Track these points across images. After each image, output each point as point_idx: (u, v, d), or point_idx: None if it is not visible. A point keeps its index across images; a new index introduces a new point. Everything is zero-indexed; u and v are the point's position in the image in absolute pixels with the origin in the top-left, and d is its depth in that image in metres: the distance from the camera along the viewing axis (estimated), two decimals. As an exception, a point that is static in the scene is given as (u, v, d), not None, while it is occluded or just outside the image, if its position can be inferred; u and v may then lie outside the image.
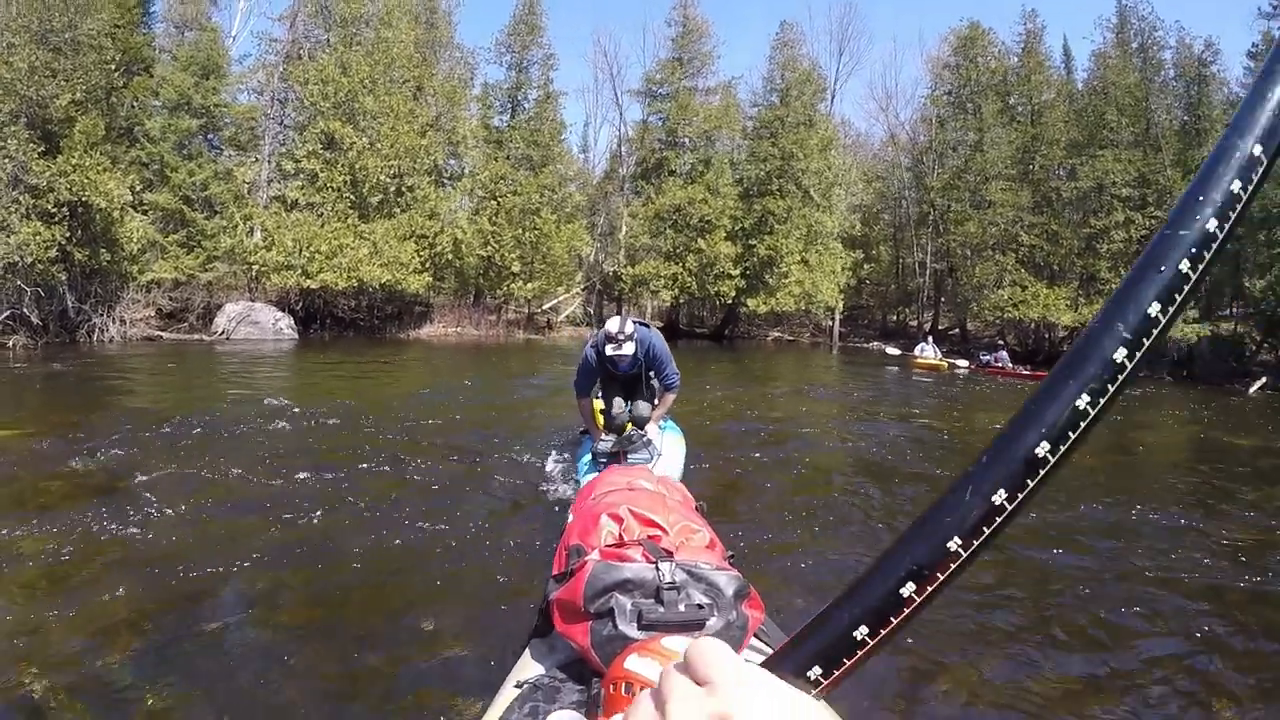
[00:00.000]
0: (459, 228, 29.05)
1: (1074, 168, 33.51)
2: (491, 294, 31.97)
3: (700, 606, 1.91)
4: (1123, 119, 32.50)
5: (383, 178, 26.63)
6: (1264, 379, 26.44)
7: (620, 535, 2.22)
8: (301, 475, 6.49)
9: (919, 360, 26.13)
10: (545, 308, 34.53)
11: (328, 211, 25.85)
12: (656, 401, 6.24)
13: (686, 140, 36.57)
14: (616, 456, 5.75)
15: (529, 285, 31.03)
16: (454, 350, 23.56)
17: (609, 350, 5.81)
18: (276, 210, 25.99)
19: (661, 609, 1.89)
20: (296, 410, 9.69)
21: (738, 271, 34.26)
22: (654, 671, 1.28)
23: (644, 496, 2.48)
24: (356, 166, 26.10)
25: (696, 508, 2.75)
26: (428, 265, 27.69)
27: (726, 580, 1.99)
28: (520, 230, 30.23)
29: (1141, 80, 33.06)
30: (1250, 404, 20.29)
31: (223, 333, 22.28)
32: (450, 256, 28.73)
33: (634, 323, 5.90)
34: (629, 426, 6.16)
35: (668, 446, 6.19)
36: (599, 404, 6.49)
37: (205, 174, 25.17)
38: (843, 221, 39.52)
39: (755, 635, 2.20)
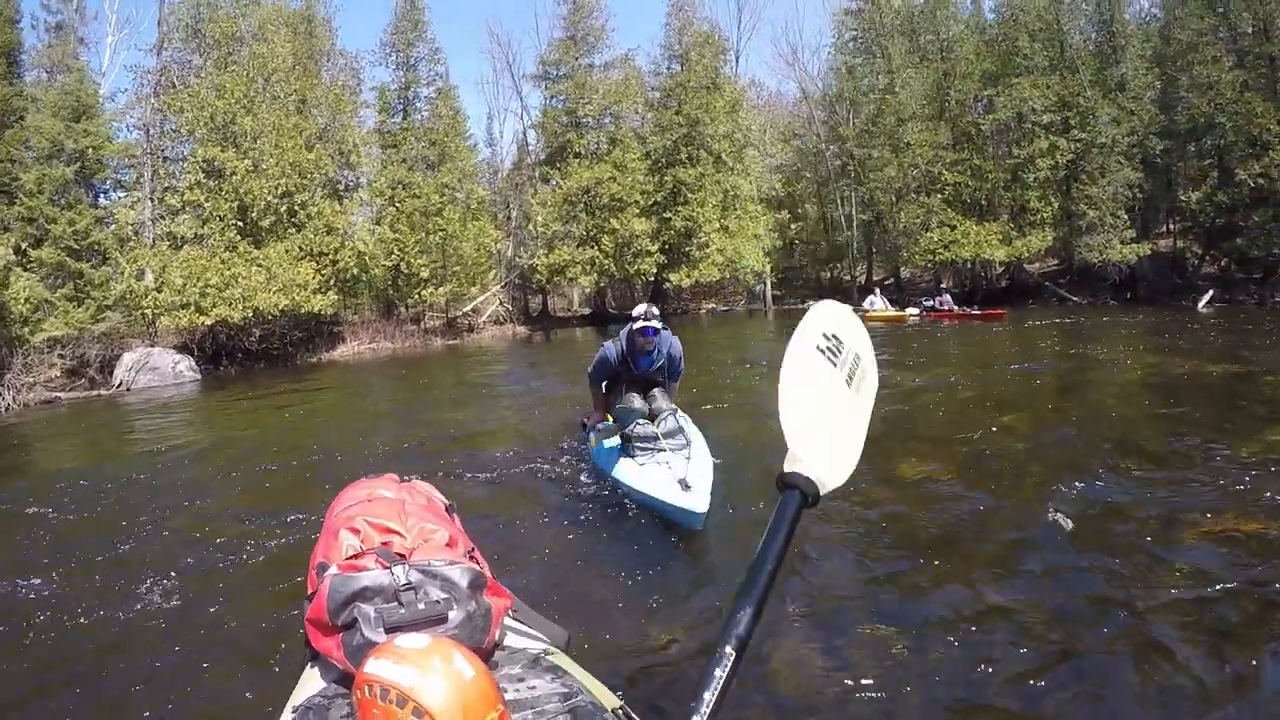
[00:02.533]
0: (360, 240, 29.13)
1: (990, 99, 34.28)
2: (404, 304, 32.21)
3: (438, 602, 2.11)
4: (1035, 44, 33.28)
5: (270, 199, 26.51)
6: (1211, 292, 27.52)
7: (360, 546, 2.38)
8: (167, 532, 6.53)
9: (872, 314, 26.48)
10: (465, 311, 34.72)
11: (216, 242, 25.77)
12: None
13: (589, 119, 36.89)
14: (654, 439, 6.10)
15: (441, 290, 31.12)
16: (366, 368, 23.75)
17: (638, 324, 6.53)
18: (163, 249, 25.98)
19: (402, 610, 2.07)
20: (172, 461, 9.97)
21: (655, 247, 34.63)
22: (392, 671, 1.61)
23: (381, 505, 2.62)
24: (242, 191, 26.02)
25: (446, 507, 2.98)
26: (331, 283, 27.71)
27: (461, 573, 2.19)
28: (424, 234, 30.36)
29: (1052, 3, 33.86)
30: (1203, 321, 21.22)
31: (122, 384, 22.33)
32: (355, 271, 28.74)
33: (659, 321, 6.65)
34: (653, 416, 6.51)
35: (693, 434, 6.66)
36: (598, 396, 7.27)
37: (86, 220, 25.08)
38: (763, 183, 40.15)
39: (513, 617, 2.50)
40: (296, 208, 27.66)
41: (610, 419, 7.11)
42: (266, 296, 25.09)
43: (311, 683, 2.18)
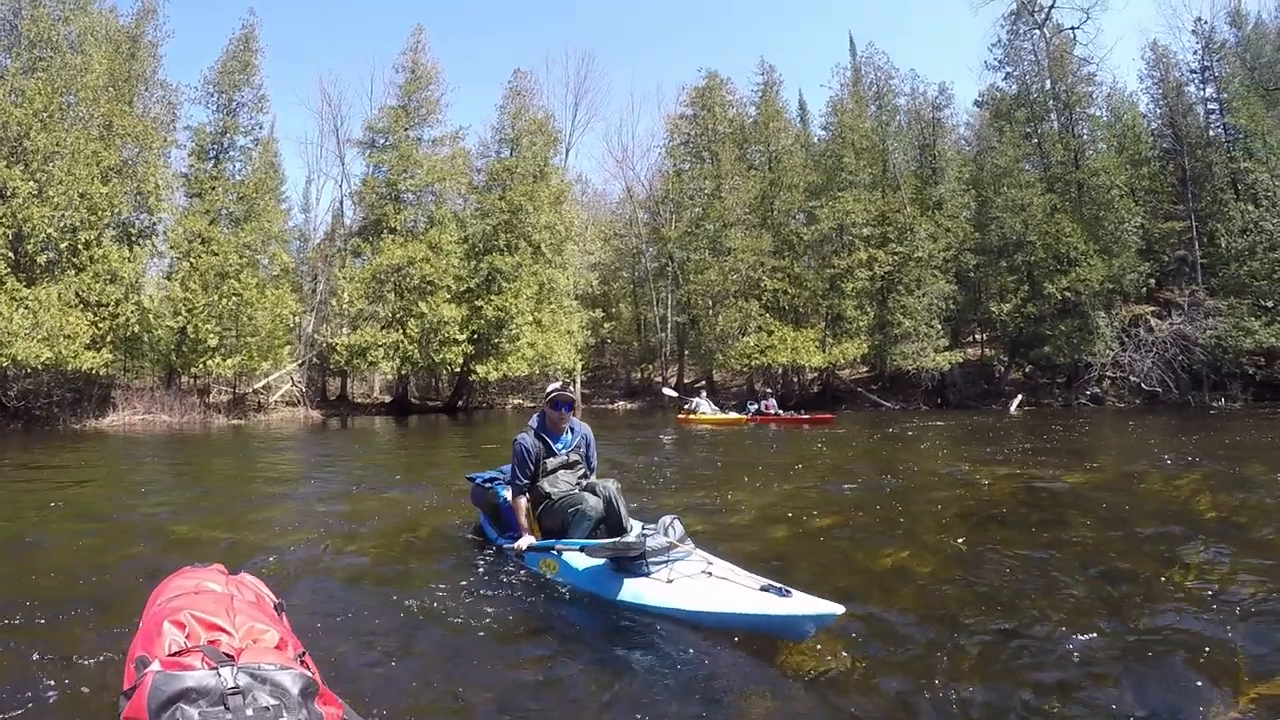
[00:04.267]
0: (147, 295, 27.38)
1: (813, 211, 36.43)
2: (186, 372, 30.23)
3: (267, 709, 2.03)
4: (860, 161, 35.92)
5: (52, 232, 24.40)
6: (1020, 396, 30.87)
7: (184, 642, 2.33)
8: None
9: (698, 417, 26.84)
10: (257, 387, 33.33)
11: (-21, 274, 23.24)
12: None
13: (410, 194, 36.54)
14: (667, 549, 5.27)
15: (229, 361, 29.23)
16: (138, 443, 21.14)
17: (553, 395, 6.25)
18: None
19: (229, 715, 1.98)
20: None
21: (464, 336, 34.07)
22: None
23: (208, 599, 2.58)
24: (20, 217, 23.76)
25: (276, 606, 2.94)
26: (107, 339, 25.59)
27: (292, 679, 2.13)
28: (217, 296, 28.52)
29: (879, 124, 36.71)
30: (1021, 423, 22.73)
31: None
32: (136, 329, 26.78)
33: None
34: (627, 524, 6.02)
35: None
36: (523, 504, 6.38)
37: None
38: (580, 279, 40.78)
39: None
40: (80, 246, 25.61)
41: (535, 534, 6.37)
42: (27, 345, 22.64)
43: None
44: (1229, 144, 31.80)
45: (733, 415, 27.56)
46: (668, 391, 36.78)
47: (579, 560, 5.67)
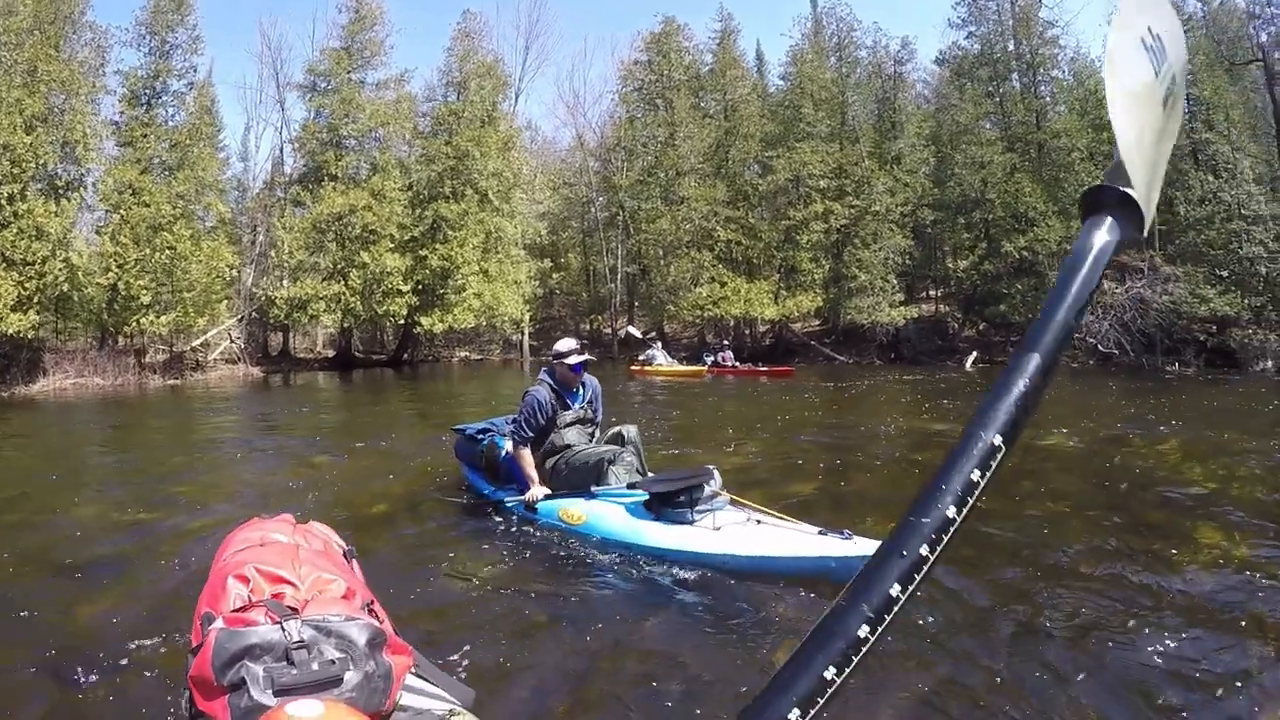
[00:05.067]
0: (75, 250, 26.22)
1: (769, 162, 36.29)
2: (120, 332, 29.25)
3: (333, 662, 1.99)
4: (819, 112, 35.69)
5: None
6: (974, 353, 31.22)
7: (249, 597, 2.25)
8: None
9: (654, 368, 26.90)
10: (195, 345, 32.62)
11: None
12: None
13: (352, 140, 35.79)
14: (711, 497, 5.22)
15: (163, 318, 28.26)
16: (70, 410, 20.20)
17: (572, 359, 6.19)
18: None
19: (294, 671, 1.95)
20: None
21: (409, 287, 33.74)
22: None
23: (274, 551, 2.49)
24: None
25: (345, 553, 2.87)
26: (34, 299, 24.72)
27: (359, 630, 2.08)
28: (148, 250, 27.51)
29: (839, 76, 36.46)
30: (973, 378, 23.34)
31: None
32: (66, 288, 25.89)
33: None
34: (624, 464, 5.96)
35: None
36: (528, 455, 6.22)
37: None
38: (528, 229, 40.40)
39: (415, 675, 2.40)
40: (3, 201, 24.55)
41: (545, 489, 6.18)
42: (-56, 308, 21.72)
43: None
44: (1191, 113, 31.91)
45: (690, 367, 27.57)
46: (633, 331, 36.66)
47: (610, 509, 5.59)
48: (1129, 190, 1.21)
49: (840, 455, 9.73)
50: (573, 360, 6.25)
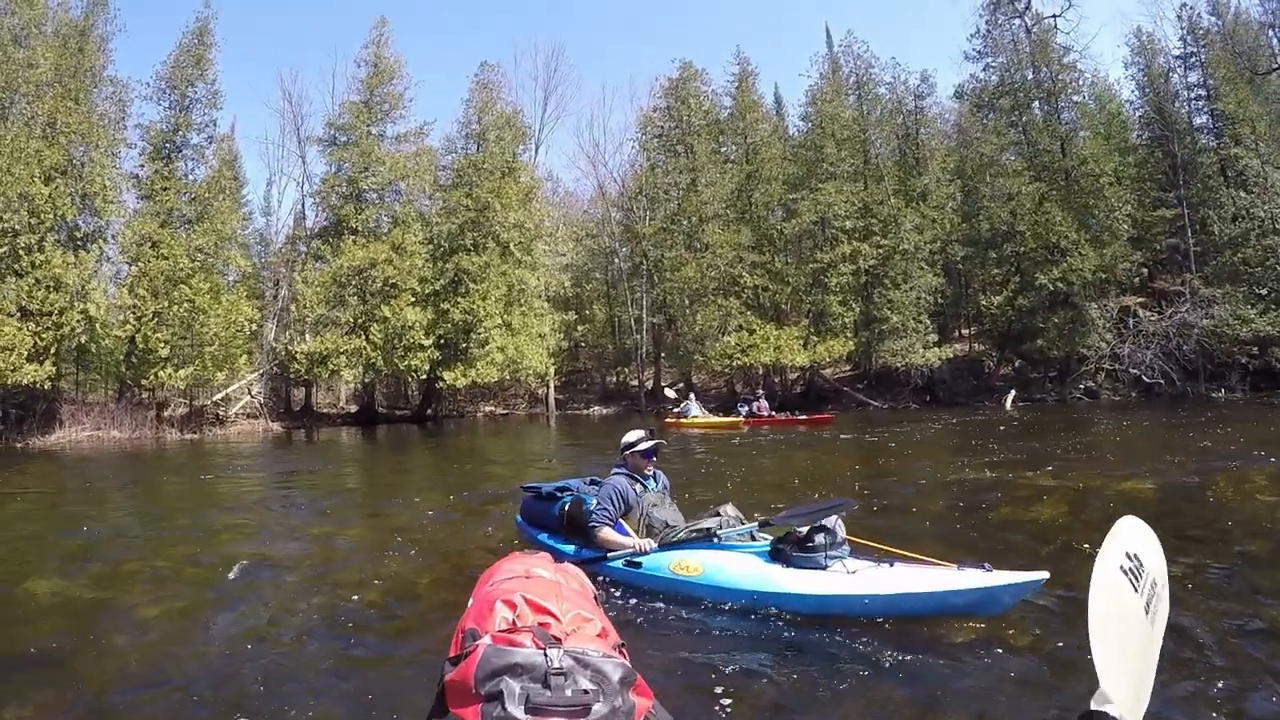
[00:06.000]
0: (93, 302, 26.15)
1: (792, 204, 36.03)
2: (137, 384, 29.08)
3: (586, 692, 2.07)
4: (841, 151, 35.72)
5: None
6: (1013, 392, 30.64)
7: (514, 621, 2.39)
8: None
9: (690, 421, 26.31)
10: (215, 399, 32.40)
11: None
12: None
13: (371, 193, 35.91)
14: (820, 545, 5.01)
15: (182, 371, 27.99)
16: (88, 464, 19.74)
17: (644, 445, 6.14)
18: None
19: (549, 693, 2.04)
20: None
21: (430, 341, 33.37)
22: None
23: (539, 584, 2.65)
24: None
25: (595, 597, 2.93)
26: (51, 350, 24.81)
27: (613, 667, 2.17)
28: (167, 303, 27.47)
29: (859, 113, 36.50)
30: (1020, 419, 22.44)
31: None
32: (83, 339, 26.02)
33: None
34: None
35: None
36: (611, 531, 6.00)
37: None
38: (551, 281, 40.21)
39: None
40: (20, 251, 24.77)
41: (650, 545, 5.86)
42: (-43, 358, 21.83)
43: None
44: (1217, 130, 31.71)
45: (726, 418, 26.95)
46: (669, 392, 36.13)
47: (731, 557, 5.34)
48: (1117, 716, 1.67)
49: (917, 503, 9.29)
50: (644, 446, 6.22)
